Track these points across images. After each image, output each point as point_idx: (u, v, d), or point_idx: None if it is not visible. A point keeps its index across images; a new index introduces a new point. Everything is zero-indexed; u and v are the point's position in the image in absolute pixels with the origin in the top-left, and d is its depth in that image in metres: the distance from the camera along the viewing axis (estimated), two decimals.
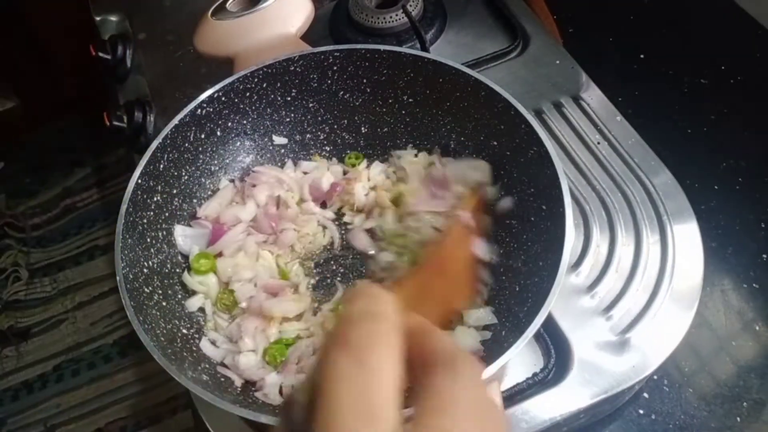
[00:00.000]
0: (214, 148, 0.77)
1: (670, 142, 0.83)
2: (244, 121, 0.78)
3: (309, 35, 0.85)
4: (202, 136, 0.75)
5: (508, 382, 0.67)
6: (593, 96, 0.87)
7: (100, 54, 1.05)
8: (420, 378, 0.30)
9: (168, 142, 0.70)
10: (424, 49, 0.92)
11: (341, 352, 0.28)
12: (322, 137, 0.83)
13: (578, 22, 1.08)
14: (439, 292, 0.44)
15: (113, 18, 1.16)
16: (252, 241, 0.74)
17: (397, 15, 0.97)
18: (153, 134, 0.93)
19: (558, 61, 0.92)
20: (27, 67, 2.05)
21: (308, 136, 0.82)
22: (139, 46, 1.08)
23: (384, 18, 0.97)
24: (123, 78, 1.06)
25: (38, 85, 2.11)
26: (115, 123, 0.95)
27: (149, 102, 0.98)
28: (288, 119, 0.81)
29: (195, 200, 0.75)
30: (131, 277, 0.62)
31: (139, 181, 0.67)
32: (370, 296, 0.30)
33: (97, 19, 1.17)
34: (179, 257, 0.71)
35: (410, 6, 0.96)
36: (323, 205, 0.80)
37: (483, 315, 0.66)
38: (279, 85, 0.77)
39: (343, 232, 0.78)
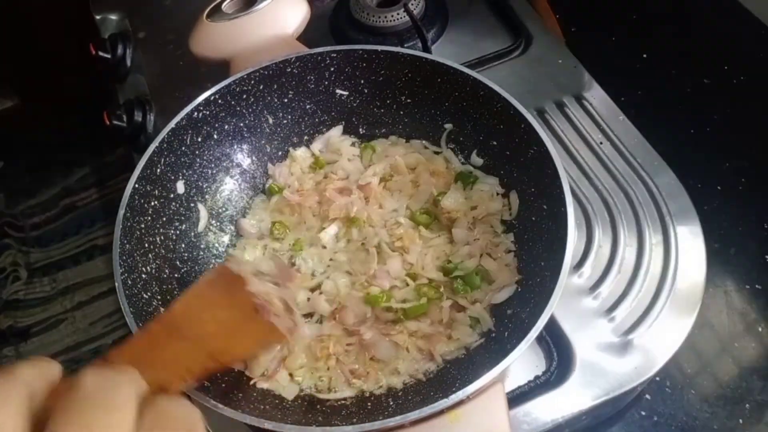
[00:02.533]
0: (211, 151, 0.77)
1: (672, 142, 0.82)
2: (241, 124, 0.78)
3: (309, 34, 0.85)
4: (199, 139, 0.74)
5: (510, 384, 0.66)
6: (596, 95, 0.87)
7: (100, 53, 1.04)
8: None
9: (165, 146, 0.70)
10: (426, 48, 0.91)
11: None
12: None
13: (581, 21, 1.07)
14: (181, 351, 0.46)
15: (113, 16, 1.16)
16: None
17: (398, 14, 0.96)
18: (152, 133, 0.93)
19: (560, 61, 0.92)
20: (26, 65, 2.04)
21: (305, 137, 0.82)
22: (139, 44, 1.07)
23: (385, 17, 0.97)
24: (123, 77, 1.06)
25: (38, 84, 2.11)
26: (115, 122, 0.94)
27: (149, 101, 0.98)
28: (285, 121, 0.80)
29: (192, 204, 0.75)
30: (130, 282, 0.62)
31: (136, 185, 0.66)
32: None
33: (97, 17, 1.16)
34: (177, 262, 0.71)
35: (412, 5, 0.95)
36: None
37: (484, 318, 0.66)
38: (276, 86, 0.77)
39: None
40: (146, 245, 0.67)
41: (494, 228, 0.72)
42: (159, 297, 0.65)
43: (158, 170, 0.70)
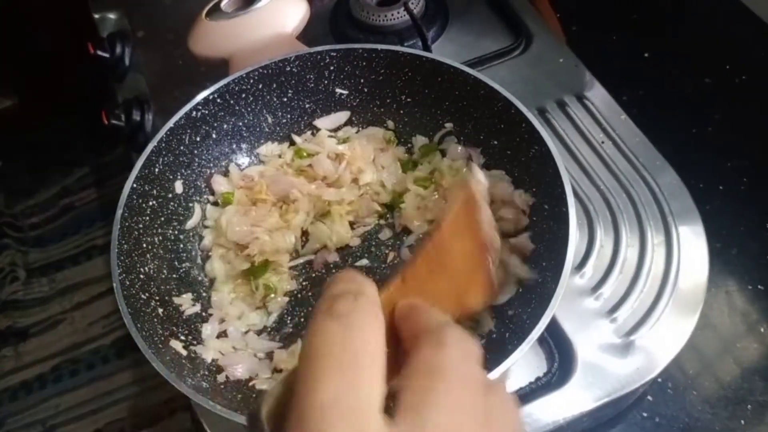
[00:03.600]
0: (210, 151, 0.76)
1: (674, 141, 0.82)
2: (240, 123, 0.77)
3: (309, 33, 0.85)
4: (198, 138, 0.74)
5: (511, 386, 0.66)
6: (597, 95, 0.86)
7: (99, 52, 1.04)
8: (408, 353, 0.30)
9: (163, 145, 0.70)
10: (426, 47, 0.91)
11: (325, 320, 0.28)
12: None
13: (582, 20, 1.07)
14: (442, 290, 0.40)
15: (112, 15, 1.15)
16: None
17: (398, 13, 0.96)
18: (151, 133, 0.92)
19: (561, 60, 0.91)
20: (25, 65, 2.04)
21: (304, 137, 0.81)
22: (138, 43, 1.07)
23: (385, 16, 0.96)
24: (121, 76, 1.05)
25: (37, 84, 2.11)
26: (114, 122, 0.94)
27: (147, 100, 0.97)
28: (284, 120, 0.80)
29: (191, 204, 0.75)
30: (128, 283, 0.61)
31: (134, 185, 0.66)
32: (351, 279, 0.31)
33: (96, 16, 1.15)
34: (175, 262, 0.70)
35: (412, 3, 0.95)
36: None
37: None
38: (275, 86, 0.76)
39: None
40: (144, 245, 0.67)
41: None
42: (157, 297, 0.65)
43: (157, 170, 0.70)
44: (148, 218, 0.68)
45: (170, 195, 0.72)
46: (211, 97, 0.73)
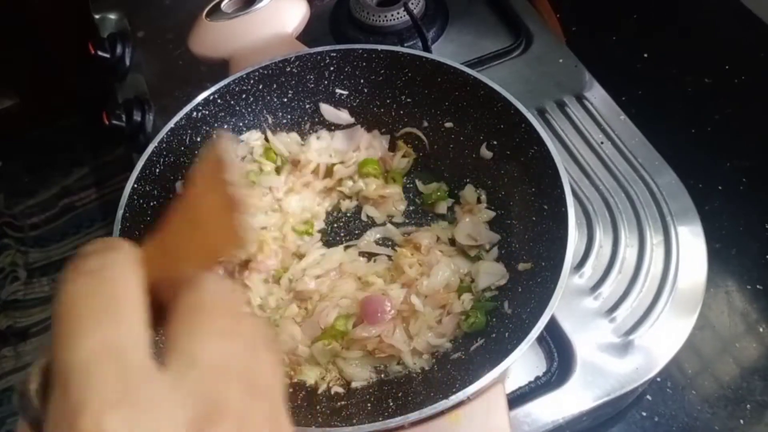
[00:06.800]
0: None
1: (673, 142, 0.82)
2: (240, 124, 0.78)
3: (309, 34, 0.85)
4: (198, 139, 0.74)
5: (510, 385, 0.66)
6: (597, 95, 0.86)
7: (99, 52, 1.04)
8: (169, 306, 0.30)
9: (164, 146, 0.70)
10: (426, 47, 0.91)
11: (77, 278, 0.27)
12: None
13: (581, 20, 1.07)
14: (196, 242, 0.41)
15: (112, 16, 1.15)
16: None
17: (398, 13, 0.96)
18: (152, 133, 0.92)
19: (561, 60, 0.91)
20: (26, 65, 2.04)
21: (304, 137, 0.82)
22: (138, 44, 1.07)
23: (385, 16, 0.96)
24: (122, 76, 1.05)
25: (37, 84, 2.11)
26: (114, 122, 0.94)
27: (148, 101, 0.98)
28: (284, 121, 0.80)
29: None
30: None
31: (136, 185, 0.66)
32: (102, 241, 0.31)
33: (97, 17, 1.16)
34: None
35: (412, 4, 0.95)
36: None
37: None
38: (275, 86, 0.77)
39: None
40: None
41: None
42: None
43: (157, 170, 0.70)
44: (149, 218, 0.68)
45: (171, 195, 0.72)
46: (211, 97, 0.73)
